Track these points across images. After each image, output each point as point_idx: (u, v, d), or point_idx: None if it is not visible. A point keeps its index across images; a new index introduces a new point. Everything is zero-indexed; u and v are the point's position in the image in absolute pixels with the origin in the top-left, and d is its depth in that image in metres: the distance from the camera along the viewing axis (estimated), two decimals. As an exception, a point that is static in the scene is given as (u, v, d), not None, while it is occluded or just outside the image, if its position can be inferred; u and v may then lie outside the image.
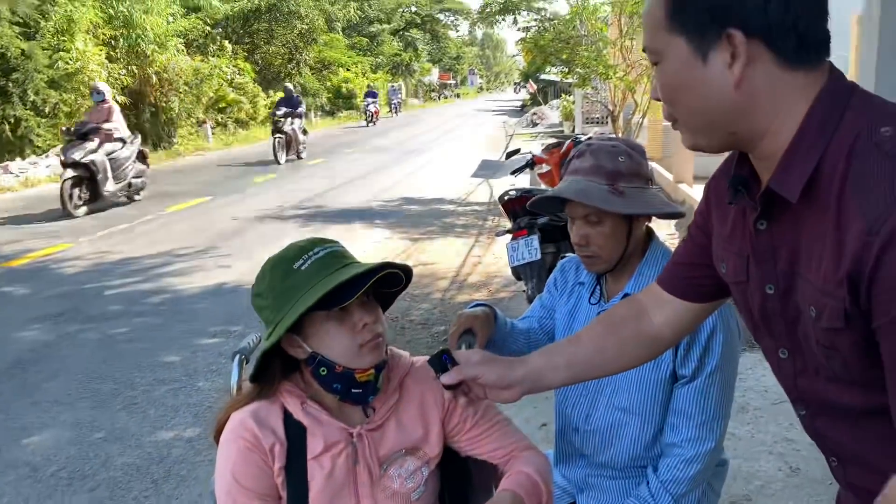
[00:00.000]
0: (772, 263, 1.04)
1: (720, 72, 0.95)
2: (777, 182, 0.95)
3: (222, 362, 4.85)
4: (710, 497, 1.89)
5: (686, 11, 0.95)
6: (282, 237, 8.75)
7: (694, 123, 1.03)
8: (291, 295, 1.38)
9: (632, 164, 1.77)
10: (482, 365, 1.33)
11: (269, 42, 32.88)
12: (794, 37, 0.92)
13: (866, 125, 0.89)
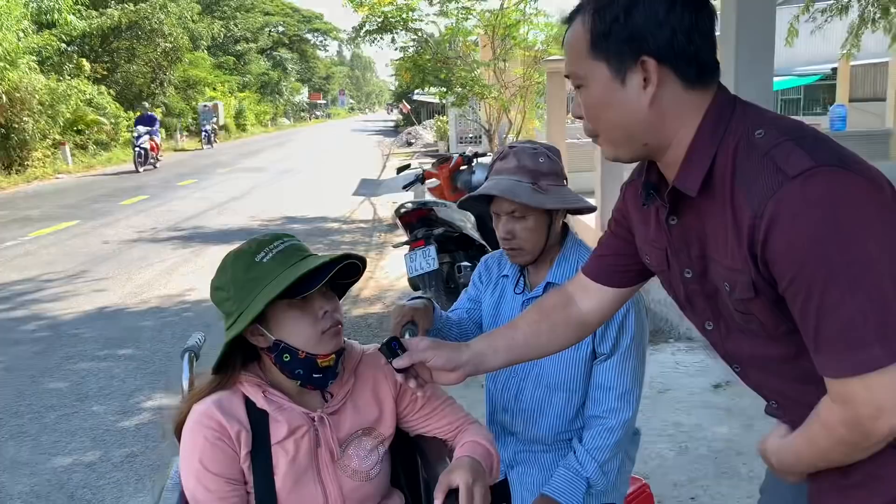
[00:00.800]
0: (686, 252, 1.23)
1: (636, 92, 1.11)
2: (680, 181, 1.14)
3: (115, 385, 4.69)
4: (627, 464, 2.09)
5: (608, 41, 1.11)
6: (161, 259, 8.51)
7: (614, 137, 1.19)
8: (254, 286, 1.45)
9: (550, 164, 1.95)
10: (430, 350, 1.47)
11: (130, 61, 31.53)
12: (695, 64, 1.11)
13: (745, 130, 1.08)
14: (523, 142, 2.06)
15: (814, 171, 0.98)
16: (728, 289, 1.15)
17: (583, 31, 1.14)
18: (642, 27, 1.09)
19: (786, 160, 1.00)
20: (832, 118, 13.71)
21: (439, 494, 1.41)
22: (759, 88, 4.32)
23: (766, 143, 1.04)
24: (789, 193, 0.98)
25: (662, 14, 1.08)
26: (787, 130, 1.05)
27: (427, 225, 5.14)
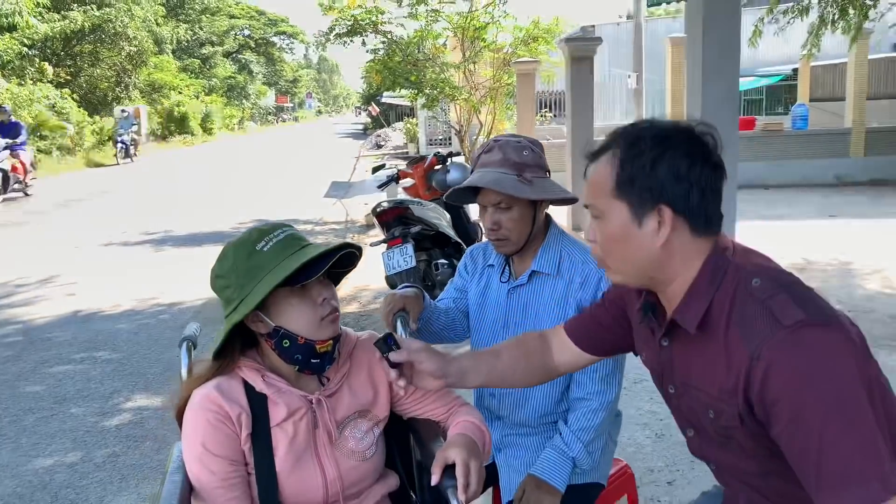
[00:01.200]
0: (671, 372, 1.37)
1: (650, 234, 1.24)
2: (679, 315, 1.27)
3: (93, 387, 4.67)
4: (610, 445, 2.18)
5: (632, 187, 1.23)
6: (132, 264, 8.45)
7: (624, 269, 1.31)
8: (255, 274, 1.50)
9: (534, 156, 2.03)
10: (422, 353, 1.57)
11: (94, 65, 31.10)
12: (704, 216, 1.24)
13: (743, 277, 1.21)
14: (508, 135, 2.13)
15: (806, 323, 1.11)
16: (712, 415, 1.28)
17: (609, 172, 1.27)
18: (664, 180, 1.21)
19: (782, 311, 1.13)
20: (794, 117, 14.06)
21: (437, 469, 1.47)
22: (726, 88, 4.46)
23: (763, 292, 1.17)
24: (785, 341, 1.12)
25: (684, 170, 1.21)
26: (780, 282, 1.19)
27: (403, 223, 5.20)
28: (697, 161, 1.22)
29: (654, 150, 1.22)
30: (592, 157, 1.32)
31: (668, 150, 1.22)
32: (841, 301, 6.08)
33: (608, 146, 1.29)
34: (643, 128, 1.27)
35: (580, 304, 2.00)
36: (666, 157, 1.21)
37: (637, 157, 1.23)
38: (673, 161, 1.21)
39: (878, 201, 11.26)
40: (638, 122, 1.30)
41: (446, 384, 1.61)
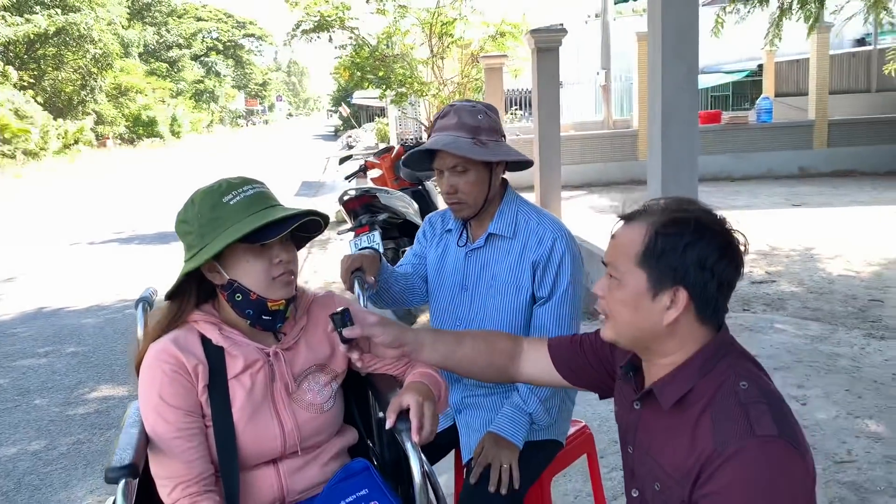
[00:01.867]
0: (634, 434, 1.40)
1: (660, 309, 1.26)
2: (658, 389, 1.29)
3: (57, 379, 4.63)
4: (568, 404, 2.20)
5: (658, 262, 1.25)
6: (99, 261, 8.36)
7: (624, 331, 1.32)
8: (218, 226, 1.51)
9: (489, 120, 2.05)
10: (378, 326, 1.58)
11: (58, 68, 30.70)
12: (713, 307, 1.27)
13: (733, 375, 1.23)
14: (463, 100, 2.14)
15: (775, 439, 1.13)
16: (658, 488, 1.31)
17: (639, 239, 1.27)
18: (690, 265, 1.23)
19: (758, 419, 1.15)
20: (758, 110, 14.26)
21: (391, 414, 1.49)
22: (685, 71, 4.52)
23: (747, 397, 1.20)
24: (749, 448, 1.13)
25: (711, 262, 1.23)
26: (766, 394, 1.21)
27: (371, 212, 5.21)
28: (726, 256, 1.24)
29: (691, 236, 1.23)
30: (627, 218, 1.33)
31: (704, 240, 1.23)
32: (803, 283, 6.21)
33: (646, 213, 1.30)
34: (686, 210, 1.28)
35: (535, 264, 2.03)
36: (700, 245, 1.23)
37: (673, 237, 1.24)
38: (704, 251, 1.23)
39: (840, 191, 11.48)
40: (685, 202, 1.31)
41: (403, 354, 1.64)
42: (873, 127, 13.55)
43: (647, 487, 1.35)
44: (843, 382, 3.93)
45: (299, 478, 1.61)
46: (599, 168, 13.59)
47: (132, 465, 1.36)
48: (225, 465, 1.52)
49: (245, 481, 1.55)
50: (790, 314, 5.32)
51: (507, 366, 1.65)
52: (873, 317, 5.21)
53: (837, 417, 3.50)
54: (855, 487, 2.88)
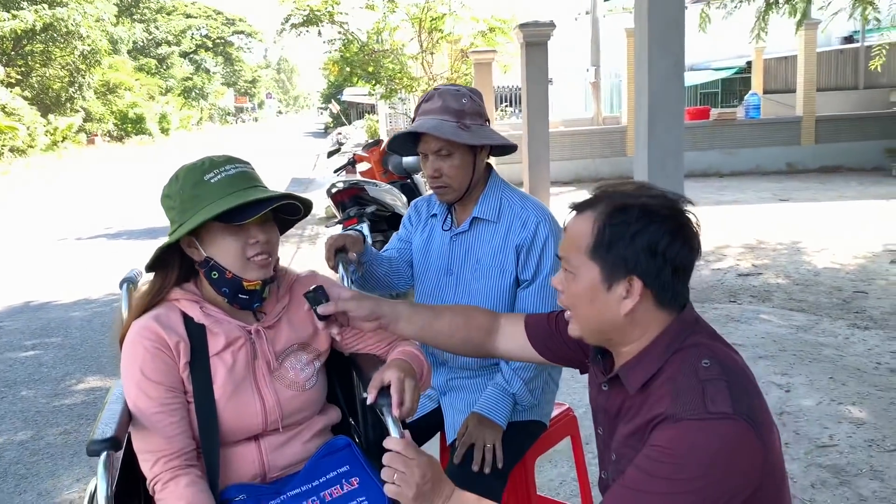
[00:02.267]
0: (603, 414, 1.40)
1: (617, 300, 1.24)
2: (623, 373, 1.29)
3: (44, 371, 4.62)
4: (551, 385, 2.22)
5: (608, 253, 1.23)
6: (88, 257, 8.33)
7: (585, 325, 1.32)
8: (197, 203, 1.52)
9: (473, 104, 2.04)
10: (353, 301, 1.59)
11: (46, 64, 30.51)
12: (672, 292, 1.25)
13: (697, 354, 1.22)
14: (447, 84, 2.15)
15: (727, 417, 1.12)
16: (614, 458, 1.32)
17: (588, 231, 1.26)
18: (640, 253, 1.21)
19: (713, 397, 1.14)
20: (747, 106, 14.34)
21: (373, 390, 1.50)
22: (672, 62, 4.55)
23: (707, 373, 1.18)
24: (701, 425, 1.12)
25: (662, 247, 1.21)
26: (727, 371, 1.19)
27: (359, 204, 5.22)
28: (678, 240, 1.22)
29: (638, 223, 1.21)
30: (577, 208, 1.31)
31: (652, 225, 1.21)
32: (789, 275, 6.25)
33: (595, 203, 1.28)
34: (632, 196, 1.26)
35: (519, 247, 2.04)
36: (648, 232, 1.20)
37: (619, 226, 1.22)
38: (654, 237, 1.21)
39: (827, 186, 11.57)
40: (628, 189, 1.28)
41: (380, 326, 1.63)
42: (860, 123, 13.66)
43: (611, 458, 1.35)
44: (826, 370, 3.97)
45: (280, 454, 1.62)
46: (588, 164, 13.63)
47: (114, 438, 1.36)
48: (206, 440, 1.52)
49: (226, 457, 1.56)
50: (776, 305, 5.37)
51: (484, 341, 1.66)
52: (857, 308, 5.26)
53: (820, 404, 3.54)
54: (836, 470, 2.91)
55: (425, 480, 1.27)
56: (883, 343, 4.41)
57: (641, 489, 1.14)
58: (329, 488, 1.55)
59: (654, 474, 1.14)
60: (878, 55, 9.74)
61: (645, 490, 1.14)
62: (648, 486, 1.13)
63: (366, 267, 2.14)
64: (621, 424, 1.31)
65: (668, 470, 1.12)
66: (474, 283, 2.10)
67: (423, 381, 1.68)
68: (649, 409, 1.21)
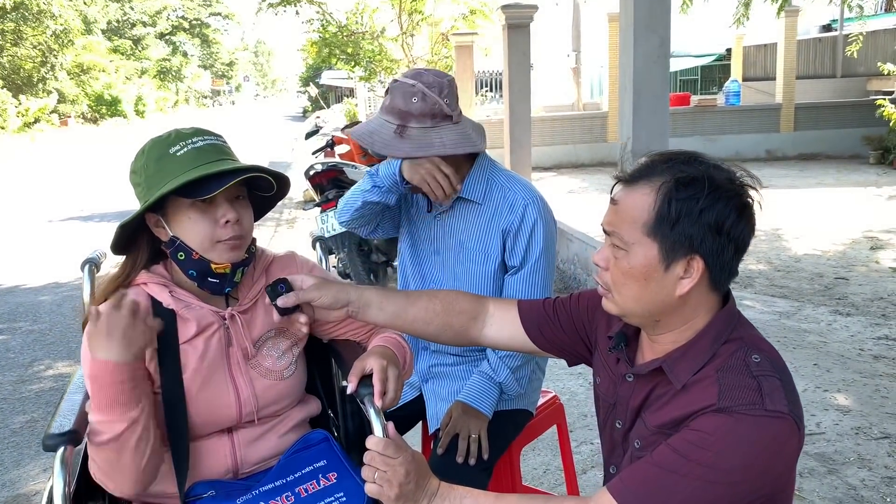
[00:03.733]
0: (625, 405, 1.29)
1: (673, 280, 1.15)
2: (669, 366, 1.19)
3: (11, 357, 4.48)
4: (538, 374, 2.14)
5: (672, 231, 1.13)
6: (59, 240, 8.16)
7: (631, 306, 1.21)
8: (162, 177, 1.40)
9: (424, 105, 1.81)
10: (315, 289, 1.47)
11: (17, 44, 29.85)
12: (728, 272, 1.17)
13: (744, 347, 1.15)
14: (409, 74, 1.88)
15: (783, 416, 1.07)
16: (637, 445, 1.23)
17: (649, 205, 1.15)
18: (707, 229, 1.12)
19: (770, 394, 1.08)
20: (727, 93, 14.36)
21: (353, 378, 1.41)
22: (657, 44, 4.48)
23: (760, 369, 1.12)
24: (756, 417, 1.06)
25: (730, 223, 1.12)
26: (778, 369, 1.13)
27: (338, 186, 5.10)
28: (743, 218, 1.14)
29: (708, 198, 1.12)
30: (629, 179, 1.20)
31: (721, 201, 1.12)
32: (771, 262, 6.24)
33: (651, 174, 1.17)
34: (699, 166, 1.16)
35: (506, 232, 1.94)
36: (716, 208, 1.12)
37: (688, 201, 1.12)
38: (721, 214, 1.12)
39: (806, 173, 11.61)
40: (692, 158, 1.18)
41: (347, 314, 1.51)
42: (838, 111, 13.71)
43: (629, 450, 1.27)
44: (811, 357, 3.94)
45: (254, 448, 1.51)
46: (569, 150, 13.57)
47: (73, 432, 1.27)
48: (173, 433, 1.42)
49: (196, 451, 1.45)
50: (758, 291, 5.34)
51: (468, 328, 1.54)
52: (839, 294, 5.25)
53: (806, 391, 3.50)
54: (824, 459, 2.87)
55: (408, 479, 1.20)
56: (865, 329, 4.40)
57: (674, 470, 1.08)
58: (305, 483, 1.46)
59: (691, 458, 1.07)
60: (855, 42, 9.75)
61: (677, 472, 1.07)
62: (682, 468, 1.07)
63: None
64: (648, 414, 1.22)
65: (709, 457, 1.06)
66: (458, 267, 2.00)
67: (406, 369, 1.59)
68: (691, 402, 1.13)
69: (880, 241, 6.85)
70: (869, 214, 8.11)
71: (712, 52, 19.89)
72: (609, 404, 1.36)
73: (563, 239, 6.06)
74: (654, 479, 1.10)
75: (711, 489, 1.06)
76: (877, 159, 12.24)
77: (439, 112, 1.82)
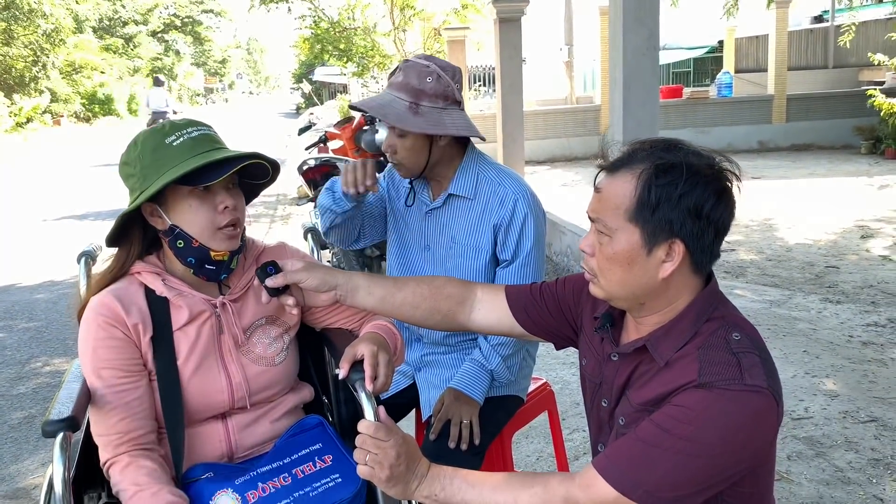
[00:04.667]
0: (610, 384, 1.34)
1: (656, 264, 1.19)
2: (653, 344, 1.23)
3: (8, 354, 4.50)
4: (529, 361, 2.18)
5: (652, 216, 1.17)
6: (54, 238, 8.17)
7: (616, 290, 1.25)
8: (159, 167, 1.43)
9: (437, 85, 1.88)
10: (303, 271, 1.51)
11: (8, 43, 29.71)
12: (709, 255, 1.21)
13: (725, 325, 1.20)
14: (422, 57, 2.00)
15: (762, 390, 1.11)
16: (622, 422, 1.27)
17: (630, 192, 1.19)
18: (686, 214, 1.16)
19: (750, 369, 1.13)
20: (719, 85, 14.39)
21: (345, 364, 1.44)
22: (647, 36, 4.50)
23: (739, 346, 1.16)
24: (735, 391, 1.11)
25: (708, 209, 1.16)
26: (756, 345, 1.18)
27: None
28: (722, 202, 1.18)
29: (686, 183, 1.16)
30: (611, 168, 1.24)
31: (699, 186, 1.16)
32: (762, 251, 6.29)
33: (631, 162, 1.21)
34: (673, 154, 1.20)
35: (497, 226, 1.97)
36: (695, 193, 1.16)
37: (665, 187, 1.16)
38: (700, 198, 1.16)
39: (798, 164, 11.67)
40: (671, 145, 1.22)
41: (335, 298, 1.55)
42: (830, 102, 13.76)
43: (614, 428, 1.31)
44: (800, 344, 3.99)
45: (248, 434, 1.55)
46: (562, 143, 13.61)
47: (71, 418, 1.30)
48: (170, 419, 1.46)
49: (191, 437, 1.49)
50: (749, 280, 5.39)
51: (456, 312, 1.56)
52: (830, 282, 5.30)
53: (795, 377, 3.55)
54: (812, 442, 2.92)
55: (399, 461, 1.24)
56: (855, 316, 4.45)
57: (656, 444, 1.12)
58: (301, 465, 1.50)
59: (672, 432, 1.11)
60: (847, 32, 9.80)
61: (660, 446, 1.12)
62: (664, 442, 1.11)
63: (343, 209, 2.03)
64: (631, 391, 1.27)
65: (690, 431, 1.10)
66: (449, 261, 2.03)
67: (397, 355, 1.62)
68: (673, 378, 1.18)
69: (871, 230, 6.91)
70: (860, 204, 8.16)
71: (705, 44, 19.93)
72: (595, 384, 1.40)
73: (555, 231, 6.09)
74: (637, 453, 1.14)
75: (693, 462, 1.10)
76: (868, 149, 12.30)
77: (451, 95, 1.89)
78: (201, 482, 1.42)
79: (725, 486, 1.15)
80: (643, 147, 1.23)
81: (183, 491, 1.41)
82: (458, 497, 1.24)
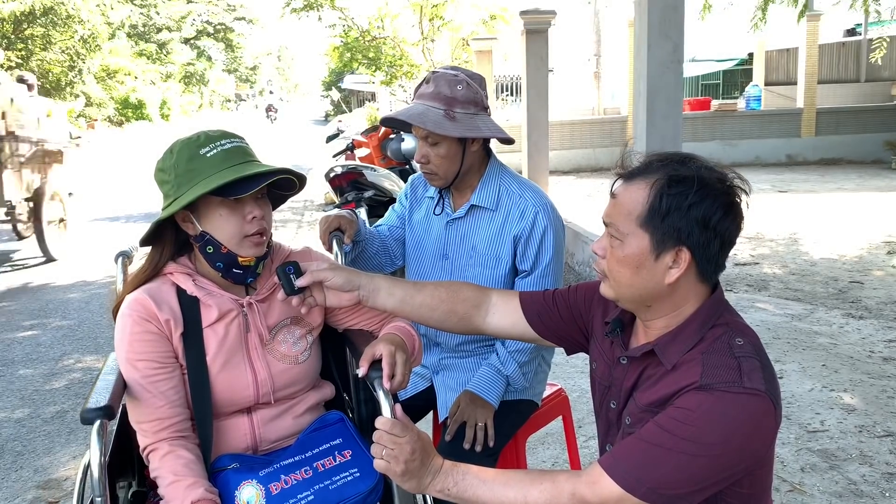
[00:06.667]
0: (619, 387, 1.40)
1: (663, 269, 1.26)
2: (661, 349, 1.30)
3: (42, 351, 4.64)
4: (544, 367, 2.23)
5: (662, 223, 1.24)
6: (87, 239, 8.35)
7: (623, 292, 1.32)
8: (193, 177, 1.52)
9: (468, 92, 1.98)
10: (327, 271, 1.59)
11: (46, 48, 30.37)
12: (714, 265, 1.28)
13: (729, 331, 1.26)
14: (448, 67, 2.10)
15: (760, 394, 1.17)
16: (628, 422, 1.34)
17: (642, 199, 1.26)
18: (694, 223, 1.23)
19: (750, 373, 1.19)
20: (747, 98, 14.34)
21: (364, 363, 1.52)
22: (671, 49, 4.55)
23: (741, 351, 1.23)
24: (735, 393, 1.17)
25: (715, 220, 1.23)
26: (758, 352, 1.24)
27: (357, 188, 5.22)
28: (729, 215, 1.24)
29: (696, 195, 1.22)
30: (627, 176, 1.31)
31: (708, 199, 1.22)
32: (786, 265, 6.27)
33: (647, 171, 1.28)
34: (687, 167, 1.26)
35: (517, 237, 2.03)
36: (704, 204, 1.22)
37: (676, 197, 1.23)
38: (708, 210, 1.22)
39: (826, 178, 11.57)
40: (685, 159, 1.29)
41: (358, 297, 1.61)
42: (861, 116, 13.65)
43: (622, 428, 1.37)
44: (819, 358, 3.99)
45: (272, 428, 1.63)
46: (588, 154, 13.62)
47: (108, 407, 1.38)
48: (199, 412, 1.54)
49: (218, 429, 1.58)
50: (772, 294, 5.39)
51: (472, 315, 1.63)
52: (853, 297, 5.28)
53: (812, 390, 3.56)
54: (826, 455, 2.94)
55: (413, 457, 1.30)
56: (877, 332, 4.44)
57: (659, 444, 1.18)
58: (321, 459, 1.57)
59: (674, 433, 1.18)
60: (879, 47, 9.72)
61: (662, 446, 1.18)
62: (666, 443, 1.18)
63: (361, 246, 2.14)
64: (638, 393, 1.33)
65: (691, 432, 1.16)
66: (469, 271, 2.09)
67: (415, 356, 1.69)
68: (677, 380, 1.24)
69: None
70: (889, 219, 8.09)
71: (735, 56, 19.84)
72: (605, 387, 1.46)
73: (578, 241, 6.14)
74: (641, 452, 1.20)
75: (694, 461, 1.16)
76: (899, 164, 12.17)
77: (480, 101, 1.98)
78: (228, 472, 1.51)
79: (725, 485, 1.21)
80: (659, 158, 1.30)
81: (210, 480, 1.49)
82: (470, 492, 1.30)
